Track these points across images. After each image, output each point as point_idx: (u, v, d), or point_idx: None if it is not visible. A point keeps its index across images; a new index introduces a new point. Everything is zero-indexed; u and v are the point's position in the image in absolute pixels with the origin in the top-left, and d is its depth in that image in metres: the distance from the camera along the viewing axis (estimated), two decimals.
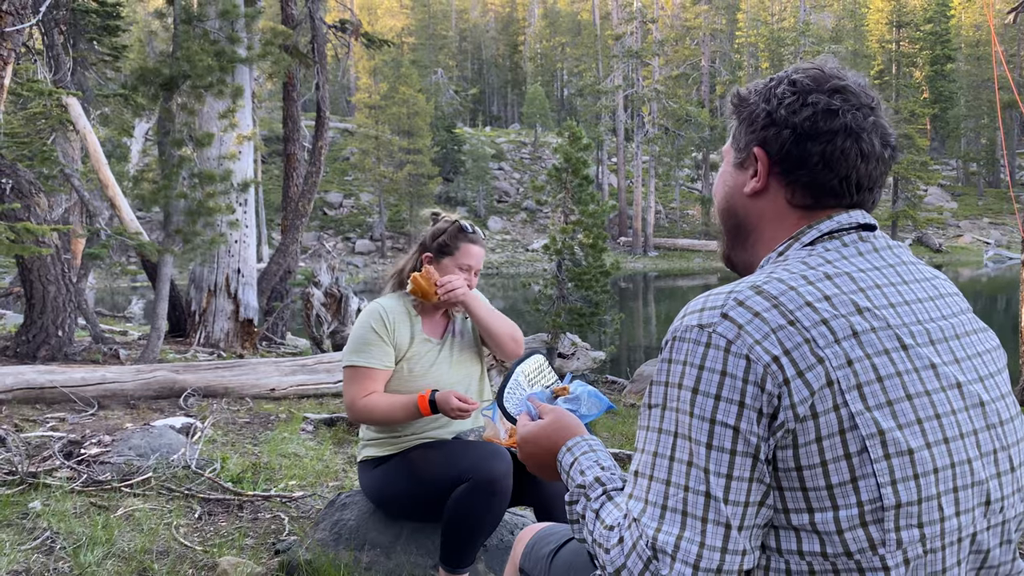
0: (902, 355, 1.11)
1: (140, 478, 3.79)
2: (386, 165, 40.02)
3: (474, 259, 2.72)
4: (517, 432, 1.50)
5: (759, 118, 1.26)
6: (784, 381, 1.05)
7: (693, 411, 1.07)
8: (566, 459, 1.34)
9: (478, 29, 71.48)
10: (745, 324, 1.08)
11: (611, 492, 1.23)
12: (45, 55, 8.80)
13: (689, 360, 1.09)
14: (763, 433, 1.05)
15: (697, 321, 1.11)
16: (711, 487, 1.05)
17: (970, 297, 9.97)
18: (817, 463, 1.05)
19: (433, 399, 2.52)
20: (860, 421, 1.05)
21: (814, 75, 1.25)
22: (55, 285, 7.17)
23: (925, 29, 49.33)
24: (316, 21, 10.55)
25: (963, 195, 49.16)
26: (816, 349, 1.06)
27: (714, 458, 1.06)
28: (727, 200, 1.33)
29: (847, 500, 1.05)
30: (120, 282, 27.51)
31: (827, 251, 1.19)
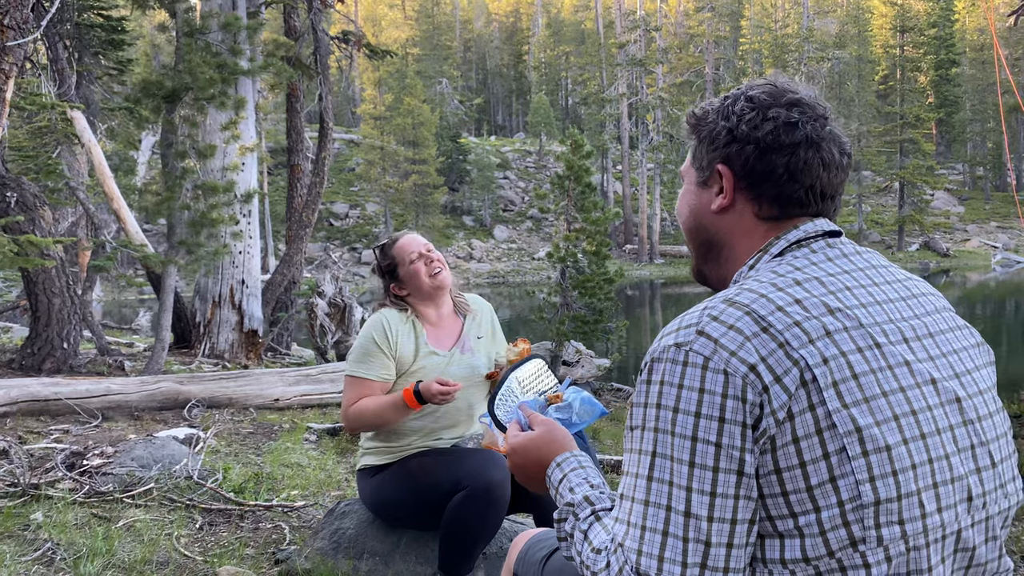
0: (875, 353, 1.12)
1: (142, 489, 3.79)
2: (391, 175, 40.12)
3: (413, 245, 2.77)
4: (507, 440, 1.50)
5: (720, 136, 1.27)
6: (763, 388, 1.06)
7: (674, 430, 1.08)
8: (555, 475, 1.35)
9: (482, 39, 71.72)
10: (720, 337, 1.09)
11: (599, 512, 1.23)
12: (49, 69, 8.87)
13: (667, 380, 1.10)
14: (748, 446, 1.06)
15: (674, 340, 1.12)
16: (692, 506, 1.06)
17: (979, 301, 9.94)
18: (796, 464, 1.06)
19: (418, 390, 2.52)
20: (837, 419, 1.06)
21: (769, 90, 1.26)
22: (60, 297, 7.19)
23: (929, 34, 49.26)
24: (319, 33, 10.60)
25: (970, 199, 48.98)
26: (791, 352, 1.07)
27: (696, 476, 1.06)
28: (694, 219, 1.34)
29: (828, 500, 1.05)
30: (127, 294, 27.62)
31: (796, 259, 1.21)
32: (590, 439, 6.50)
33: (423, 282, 2.71)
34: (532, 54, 66.64)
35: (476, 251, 40.74)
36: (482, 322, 2.87)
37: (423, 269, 2.71)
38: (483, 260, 40.08)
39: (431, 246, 2.78)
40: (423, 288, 2.72)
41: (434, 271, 2.72)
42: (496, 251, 41.74)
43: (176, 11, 7.69)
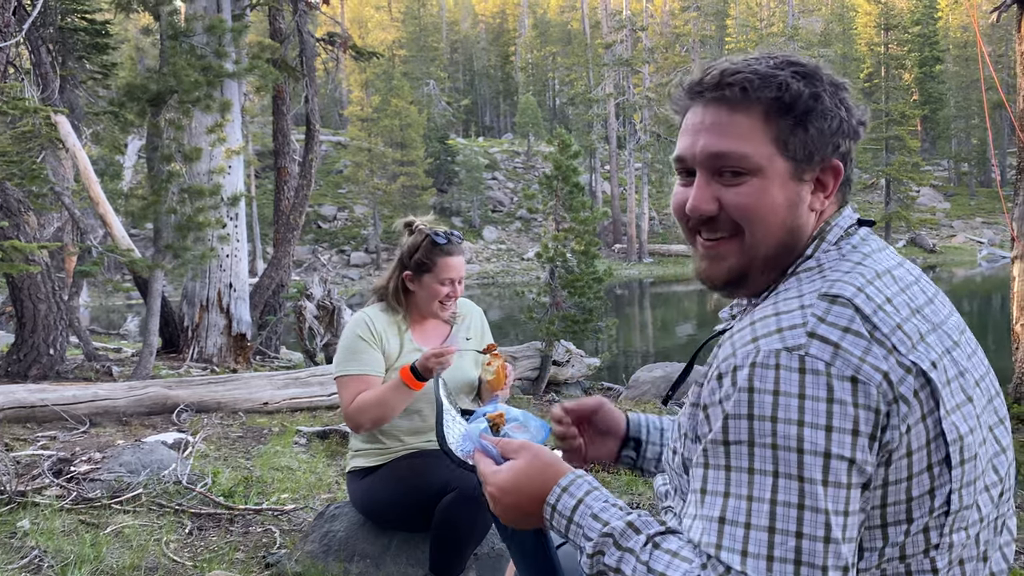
0: (955, 355, 1.08)
1: (130, 494, 3.77)
2: (379, 177, 40.03)
3: (454, 271, 2.68)
4: (484, 480, 1.25)
5: (834, 124, 1.13)
6: (894, 398, 0.98)
7: (803, 446, 0.95)
8: (565, 502, 1.15)
9: (469, 40, 71.68)
10: (840, 341, 0.98)
11: (655, 539, 1.05)
12: (33, 73, 8.80)
13: (784, 389, 0.97)
14: (873, 459, 0.98)
15: (781, 344, 0.99)
16: (832, 530, 0.94)
17: (966, 296, 9.97)
18: (904, 477, 1.00)
19: (414, 366, 2.48)
20: (946, 427, 1.01)
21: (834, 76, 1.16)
22: (46, 303, 7.15)
23: (913, 31, 49.57)
24: (304, 35, 10.56)
25: (955, 195, 49.32)
26: (901, 358, 1.00)
27: (832, 496, 0.95)
28: (792, 220, 1.14)
29: (922, 511, 1.02)
30: (115, 299, 27.45)
31: (854, 249, 1.13)
32: None
33: (432, 304, 2.68)
34: (519, 55, 66.67)
35: (465, 252, 40.66)
36: (471, 325, 2.86)
37: (442, 294, 2.67)
38: (472, 261, 40.04)
39: (464, 276, 2.73)
40: (427, 308, 2.70)
41: (447, 305, 2.70)
42: (485, 252, 41.73)
43: (160, 14, 7.65)
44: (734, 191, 1.13)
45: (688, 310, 26.19)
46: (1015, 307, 6.55)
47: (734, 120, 1.12)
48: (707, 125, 1.15)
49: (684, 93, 1.20)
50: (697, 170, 1.16)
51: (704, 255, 1.19)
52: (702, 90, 1.16)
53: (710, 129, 1.14)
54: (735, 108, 1.13)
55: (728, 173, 1.13)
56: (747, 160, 1.11)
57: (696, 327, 21.17)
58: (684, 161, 1.18)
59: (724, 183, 1.14)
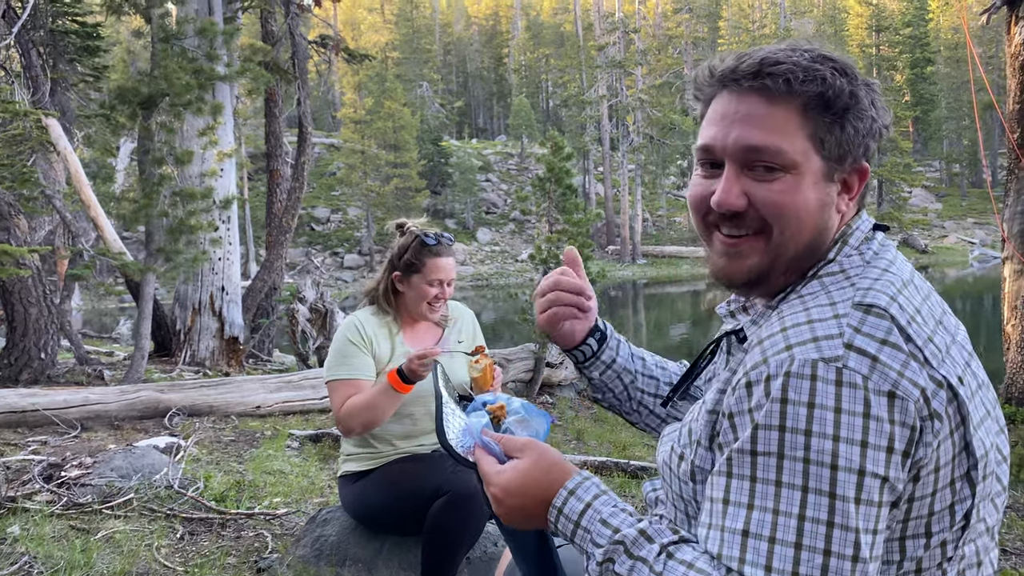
0: (973, 368, 1.06)
1: (121, 499, 3.75)
2: (373, 179, 40.00)
3: (443, 272, 2.68)
4: (487, 480, 1.20)
5: (870, 127, 1.09)
6: (929, 415, 0.95)
7: (837, 462, 0.92)
8: (572, 506, 1.10)
9: (462, 42, 71.69)
10: (878, 354, 0.95)
11: (669, 548, 1.02)
12: (23, 76, 8.77)
13: (820, 402, 0.93)
14: (905, 476, 0.95)
15: (817, 355, 0.95)
16: (861, 549, 0.92)
17: (958, 296, 10.00)
18: (929, 493, 0.98)
19: (400, 369, 2.48)
20: (975, 442, 0.99)
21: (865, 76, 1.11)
22: (36, 307, 7.11)
23: (904, 33, 49.79)
24: (296, 37, 10.55)
25: (947, 196, 49.52)
26: (933, 372, 0.97)
27: (863, 514, 0.92)
28: (823, 220, 1.10)
29: (941, 526, 1.00)
30: (107, 303, 27.35)
31: (876, 255, 1.10)
32: (576, 441, 6.48)
33: (421, 305, 2.68)
34: (512, 57, 66.72)
35: (459, 254, 40.67)
36: (463, 328, 2.85)
37: (431, 295, 2.67)
38: (466, 263, 40.03)
39: (453, 278, 2.72)
40: (416, 309, 2.70)
41: (436, 306, 2.70)
42: (479, 254, 41.71)
43: (151, 17, 7.63)
44: (766, 187, 1.07)
45: (682, 311, 26.23)
46: (1006, 308, 6.58)
47: (772, 113, 1.07)
48: (741, 115, 1.08)
49: (713, 80, 1.13)
50: (727, 162, 1.10)
51: (723, 252, 1.13)
52: (738, 78, 1.09)
53: (745, 120, 1.08)
54: (774, 100, 1.07)
55: (761, 168, 1.08)
56: (783, 155, 1.06)
57: (690, 328, 21.20)
58: (711, 152, 1.12)
59: (756, 178, 1.08)
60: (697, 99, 1.18)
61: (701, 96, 1.17)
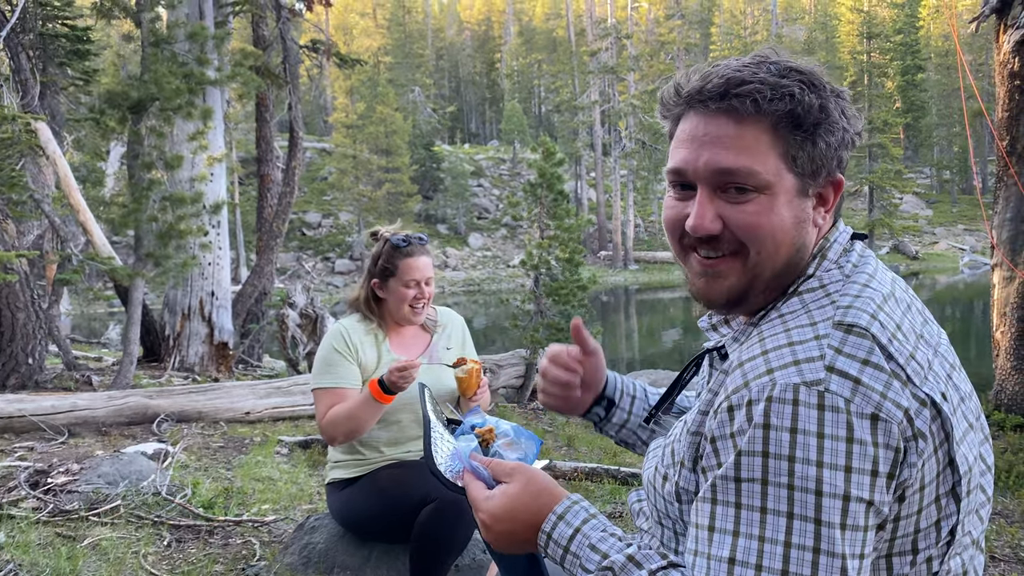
0: (955, 380, 1.05)
1: (108, 506, 3.72)
2: (365, 184, 39.96)
3: (418, 272, 2.68)
4: (475, 506, 1.19)
5: (842, 140, 1.08)
6: (913, 435, 0.94)
7: (821, 488, 0.91)
8: (561, 531, 1.10)
9: (454, 47, 71.76)
10: (860, 376, 0.94)
11: (657, 574, 1.02)
12: (12, 80, 8.73)
13: (802, 427, 0.92)
14: (890, 499, 0.95)
15: (799, 378, 0.94)
16: (848, 574, 0.91)
17: (948, 303, 9.98)
18: (915, 511, 0.98)
19: (382, 379, 2.47)
20: (958, 458, 0.99)
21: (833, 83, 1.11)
22: (24, 312, 7.07)
23: (895, 40, 50.05)
24: (288, 42, 10.53)
25: (937, 202, 49.79)
26: (915, 390, 0.96)
27: (849, 539, 0.91)
28: (799, 238, 1.08)
29: (927, 542, 1.00)
30: (96, 308, 27.20)
31: (856, 268, 1.09)
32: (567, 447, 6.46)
33: (402, 308, 2.68)
34: (504, 62, 66.82)
35: (451, 259, 40.68)
36: (452, 334, 2.84)
37: (409, 297, 2.67)
38: (458, 268, 40.01)
39: (432, 278, 2.72)
40: (399, 314, 2.70)
41: (417, 308, 2.70)
42: (471, 259, 41.69)
43: (142, 21, 7.61)
44: (740, 209, 1.06)
45: (674, 317, 26.25)
46: (995, 314, 6.60)
47: (741, 134, 1.05)
48: (711, 138, 1.06)
49: (680, 99, 1.11)
50: (699, 185, 1.08)
51: (702, 273, 1.12)
52: (704, 99, 1.07)
53: (714, 142, 1.06)
54: (743, 121, 1.05)
55: (733, 189, 1.06)
56: (755, 177, 1.04)
57: (681, 333, 21.22)
58: (683, 174, 1.10)
59: (729, 200, 1.07)
60: (664, 117, 1.16)
61: (668, 115, 1.15)
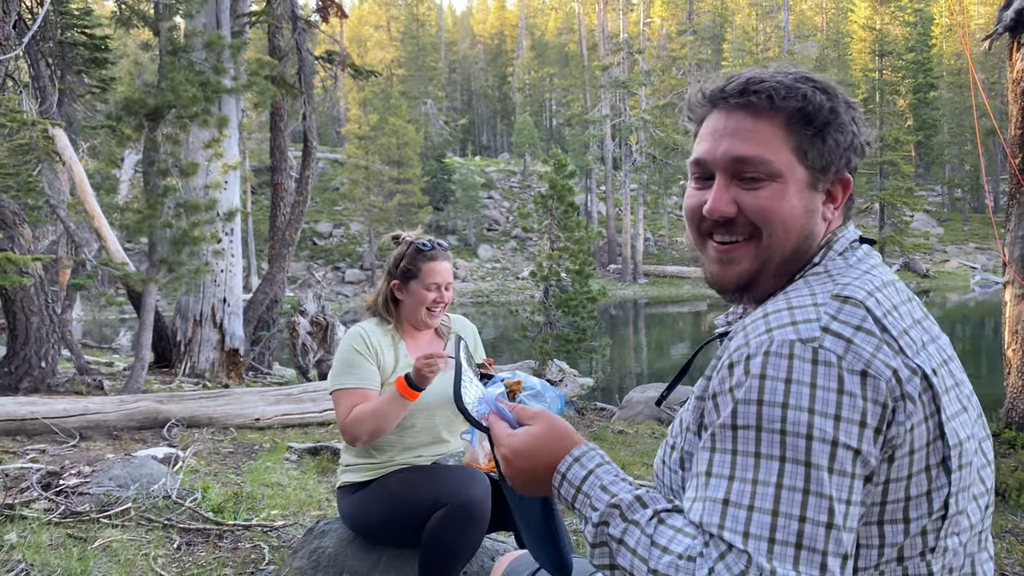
0: (951, 367, 1.12)
1: (119, 509, 3.74)
2: (376, 195, 40.12)
3: (439, 276, 2.70)
4: (498, 442, 1.27)
5: (851, 141, 1.18)
6: (901, 395, 1.01)
7: (812, 432, 0.97)
8: (575, 472, 1.16)
9: (467, 61, 72.12)
10: (852, 337, 1.02)
11: (662, 515, 1.08)
12: (31, 87, 8.84)
13: (796, 378, 0.99)
14: (878, 452, 1.01)
15: (795, 336, 1.02)
16: (835, 516, 0.97)
17: (959, 321, 9.91)
18: (904, 475, 1.04)
19: (408, 375, 2.49)
20: (948, 430, 1.05)
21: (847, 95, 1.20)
22: (38, 316, 7.13)
23: (907, 58, 50.00)
24: (303, 52, 10.63)
25: (949, 220, 49.59)
26: (907, 360, 1.03)
27: (836, 483, 0.97)
28: (808, 227, 1.18)
29: (919, 512, 1.05)
30: (108, 314, 27.36)
31: (859, 261, 1.17)
32: None
33: (420, 311, 2.70)
34: (516, 76, 67.07)
35: (460, 270, 40.74)
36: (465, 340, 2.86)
37: (429, 300, 2.69)
38: (467, 279, 40.06)
39: (451, 283, 2.75)
40: (415, 316, 2.72)
41: (435, 312, 2.72)
42: (480, 270, 41.74)
43: (160, 30, 7.69)
44: (754, 194, 1.16)
45: (683, 331, 26.20)
46: (1007, 332, 6.57)
47: (757, 126, 1.15)
48: (730, 130, 1.17)
49: (705, 99, 1.23)
50: (717, 173, 1.18)
51: (716, 259, 1.21)
52: (726, 96, 1.19)
53: (733, 134, 1.17)
54: (759, 115, 1.16)
55: (748, 177, 1.16)
56: (768, 165, 1.15)
57: (691, 347, 21.17)
58: (703, 165, 1.20)
59: (744, 187, 1.16)
60: (691, 119, 1.27)
61: (694, 117, 1.26)
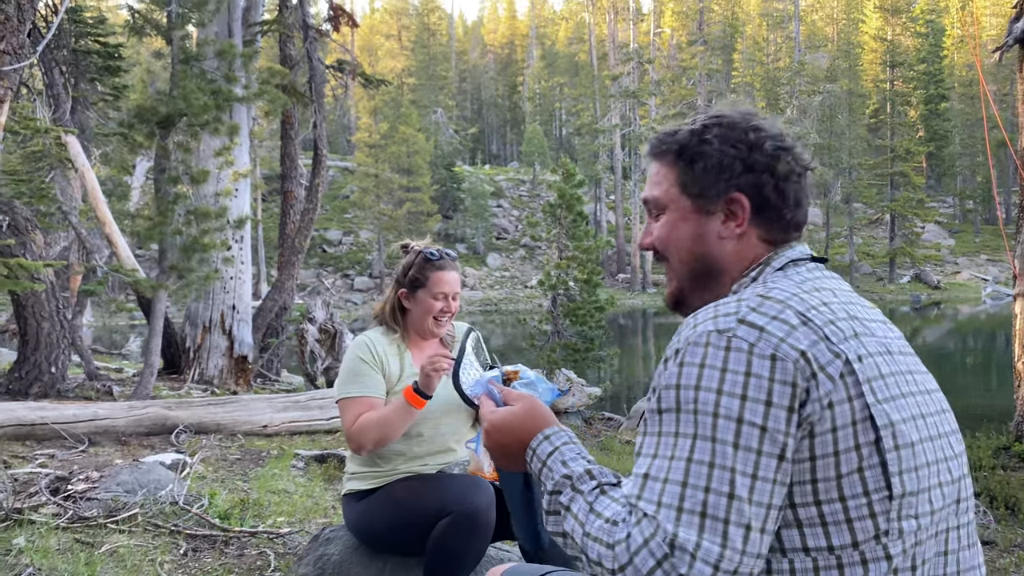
0: (889, 359, 1.19)
1: (126, 514, 3.76)
2: (386, 203, 40.25)
3: (447, 286, 2.70)
4: (483, 418, 1.45)
5: (730, 164, 1.29)
6: (812, 375, 1.09)
7: (718, 411, 1.08)
8: (543, 448, 1.30)
9: (478, 70, 72.37)
10: (765, 326, 1.11)
11: (605, 487, 1.19)
12: (45, 94, 8.92)
13: (709, 363, 1.10)
14: (792, 430, 1.08)
15: (714, 327, 1.13)
16: (736, 488, 1.06)
17: (970, 333, 9.90)
18: (830, 452, 1.09)
19: (415, 384, 2.50)
20: (875, 412, 1.11)
21: (766, 120, 1.33)
22: (49, 321, 7.17)
23: (919, 69, 49.93)
24: (314, 61, 10.69)
25: (960, 232, 49.35)
26: (831, 345, 1.11)
27: (741, 458, 1.06)
28: (699, 247, 1.33)
29: (854, 490, 1.10)
30: (118, 320, 27.50)
31: (799, 273, 1.26)
32: None
33: (427, 320, 2.70)
34: (527, 85, 67.24)
35: (469, 279, 40.79)
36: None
37: (435, 309, 2.69)
38: (476, 288, 40.09)
39: (459, 294, 2.75)
40: (422, 325, 2.72)
41: (441, 321, 2.72)
42: (489, 279, 41.78)
43: (172, 38, 7.76)
44: (656, 226, 1.37)
45: None
46: (1017, 344, 6.54)
47: (658, 171, 1.36)
48: (648, 177, 1.41)
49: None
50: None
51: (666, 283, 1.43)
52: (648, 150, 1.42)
53: (647, 180, 1.41)
54: (658, 161, 1.37)
55: (655, 214, 1.37)
56: (659, 201, 1.35)
57: None
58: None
59: (653, 221, 1.38)
60: None
61: None
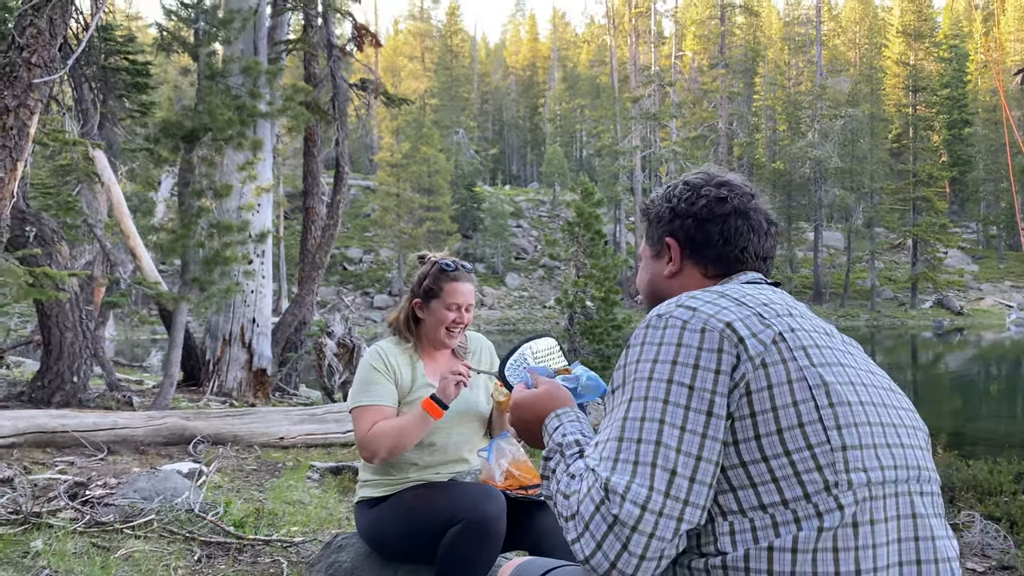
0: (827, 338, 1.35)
1: (142, 520, 3.80)
2: (406, 222, 40.50)
3: (461, 296, 2.72)
4: (512, 396, 1.63)
5: (664, 215, 1.57)
6: (739, 340, 1.24)
7: (652, 375, 1.24)
8: (552, 423, 1.47)
9: (499, 92, 72.84)
10: (699, 307, 1.30)
11: (583, 451, 1.35)
12: (74, 109, 9.09)
13: (648, 341, 1.29)
14: (721, 389, 1.21)
15: (655, 313, 1.33)
16: (663, 436, 1.19)
17: (994, 360, 9.81)
18: (768, 408, 1.21)
19: (434, 395, 2.53)
20: (808, 373, 1.23)
21: (703, 175, 1.57)
22: (72, 331, 7.27)
23: (942, 94, 49.66)
24: (338, 80, 10.83)
25: (984, 258, 48.82)
26: (763, 320, 1.28)
27: (669, 412, 1.21)
28: (652, 285, 1.61)
29: (797, 444, 1.19)
30: (140, 334, 27.76)
31: (744, 286, 1.43)
32: None
33: (439, 330, 2.72)
34: (548, 107, 67.58)
35: (488, 298, 40.85)
36: (481, 358, 2.88)
37: (448, 320, 2.71)
38: (494, 307, 40.14)
39: (472, 305, 2.77)
40: (435, 335, 2.74)
41: (454, 332, 2.73)
42: (508, 298, 41.82)
43: (199, 55, 7.91)
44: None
45: None
46: None
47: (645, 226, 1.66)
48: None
49: None
50: None
51: None
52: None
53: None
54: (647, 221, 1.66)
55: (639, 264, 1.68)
56: (639, 255, 1.68)
57: None
58: None
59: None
60: None
61: None
